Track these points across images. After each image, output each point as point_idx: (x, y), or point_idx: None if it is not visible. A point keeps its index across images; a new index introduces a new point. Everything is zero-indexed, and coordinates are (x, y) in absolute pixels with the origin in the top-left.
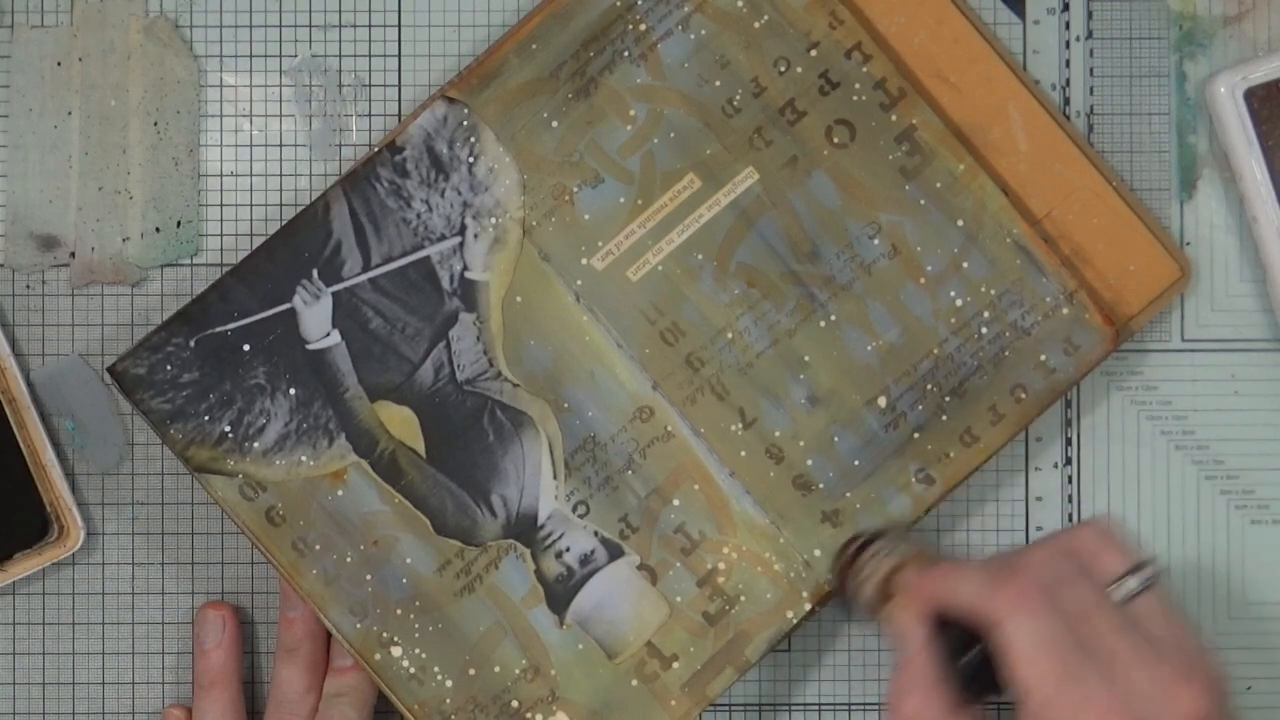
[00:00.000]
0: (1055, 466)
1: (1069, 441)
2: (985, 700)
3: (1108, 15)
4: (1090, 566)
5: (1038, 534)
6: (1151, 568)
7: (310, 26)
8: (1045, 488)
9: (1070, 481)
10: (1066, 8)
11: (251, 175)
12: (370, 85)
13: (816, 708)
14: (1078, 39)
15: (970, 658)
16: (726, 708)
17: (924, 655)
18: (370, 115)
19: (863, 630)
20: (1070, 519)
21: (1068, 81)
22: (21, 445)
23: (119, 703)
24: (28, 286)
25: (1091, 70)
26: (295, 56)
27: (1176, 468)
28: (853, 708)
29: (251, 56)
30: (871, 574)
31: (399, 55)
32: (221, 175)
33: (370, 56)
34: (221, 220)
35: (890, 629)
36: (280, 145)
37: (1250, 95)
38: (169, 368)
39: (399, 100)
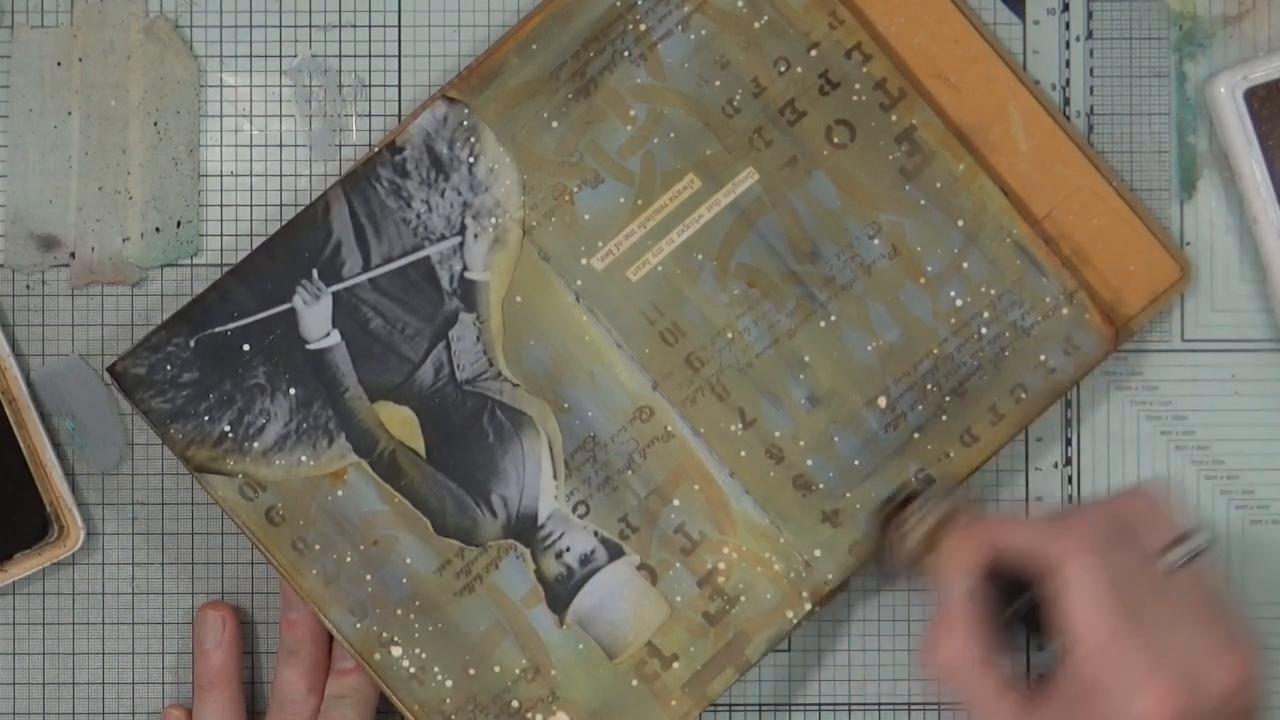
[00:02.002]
0: (1055, 466)
1: (1069, 441)
2: (1018, 649)
3: (1108, 15)
4: (1139, 533)
5: None
6: (1198, 538)
7: (310, 26)
8: (1045, 488)
9: (1070, 481)
10: (1066, 8)
11: (251, 175)
12: (370, 85)
13: (816, 708)
14: (1078, 39)
15: (1020, 603)
16: (727, 708)
17: (965, 602)
18: (370, 115)
19: (863, 630)
20: None
21: (1068, 81)
22: (21, 445)
23: (119, 703)
24: (28, 286)
25: (1091, 70)
26: (295, 56)
27: (1176, 468)
28: (853, 708)
29: (251, 56)
30: (918, 524)
31: (399, 55)
32: (221, 175)
33: (370, 56)
34: (221, 220)
35: (933, 576)
36: (280, 145)
37: (1250, 95)
38: (169, 368)
39: (399, 100)
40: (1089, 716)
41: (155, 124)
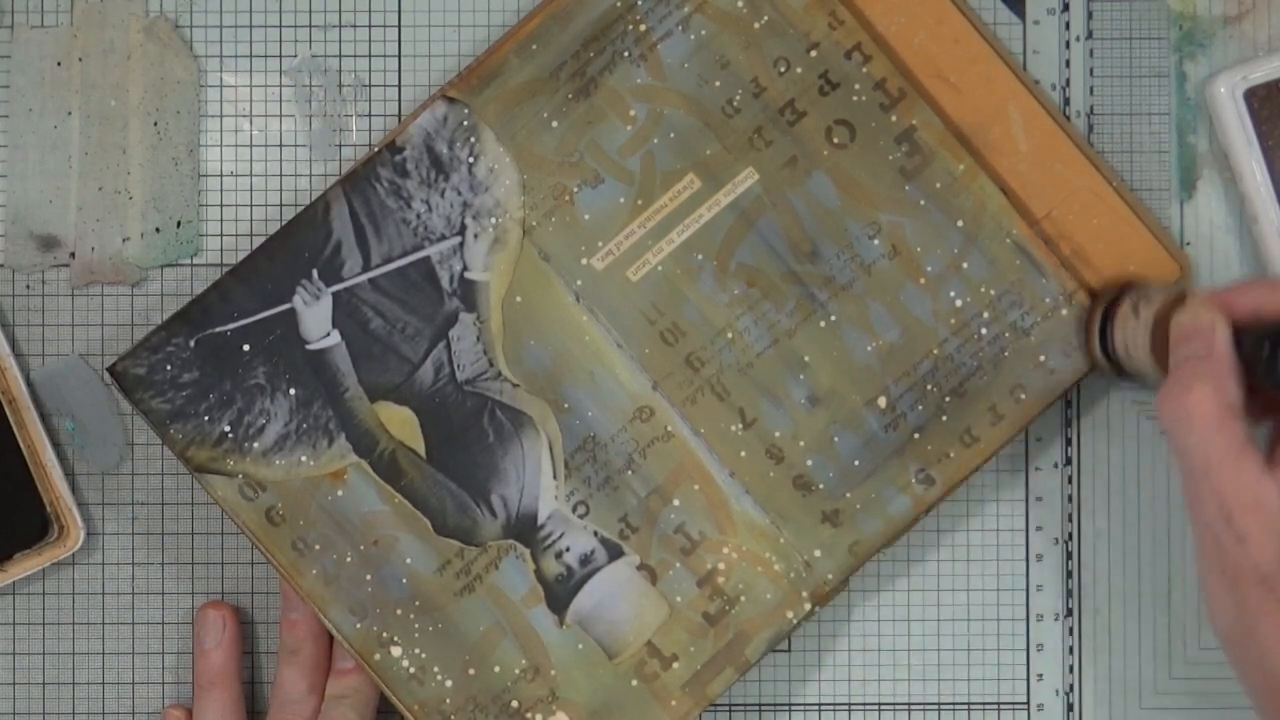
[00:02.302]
0: (1055, 466)
1: (1069, 441)
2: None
3: (1108, 15)
4: None
5: (1037, 534)
6: None
7: (310, 26)
8: (1045, 488)
9: (1070, 481)
10: (1066, 8)
11: (251, 175)
12: (370, 85)
13: (816, 708)
14: (1078, 39)
15: None
16: (727, 708)
17: (1223, 350)
18: (370, 115)
19: (863, 630)
20: (1070, 519)
21: (1068, 81)
22: (21, 445)
23: (119, 703)
24: (28, 286)
25: (1091, 70)
26: (295, 56)
27: (1176, 467)
28: (853, 708)
29: (251, 56)
30: (1153, 301)
31: (399, 55)
32: (221, 175)
33: (370, 56)
34: (221, 220)
35: (1185, 327)
36: (280, 145)
37: (1250, 95)
38: (169, 368)
39: (399, 100)
40: None
41: (155, 124)
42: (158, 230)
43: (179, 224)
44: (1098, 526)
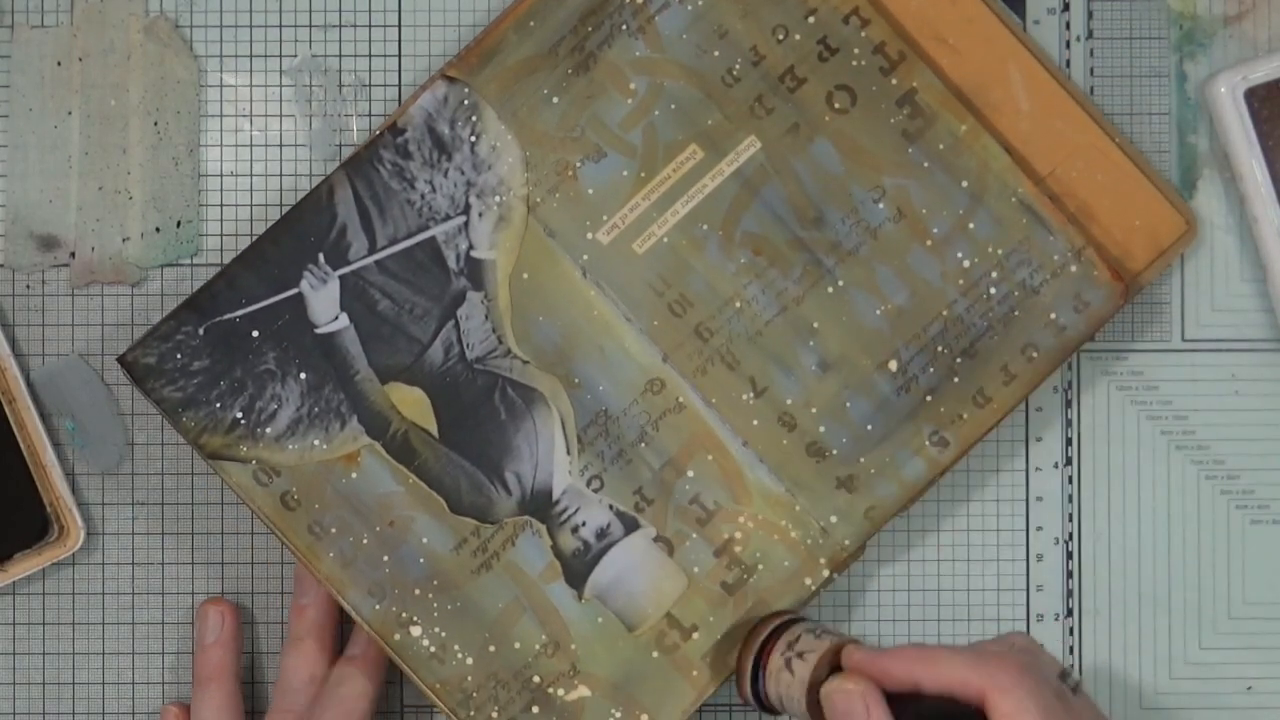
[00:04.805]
0: (1055, 466)
1: (1069, 441)
2: None
3: (1108, 15)
4: (1040, 664)
5: (1037, 534)
6: (1074, 671)
7: (310, 26)
8: (1045, 488)
9: (1070, 481)
10: (1066, 8)
11: (251, 175)
12: (370, 85)
13: None
14: (1078, 39)
15: None
16: (727, 707)
17: None
18: (370, 115)
19: (863, 631)
20: (1070, 519)
21: None
22: (21, 445)
23: (119, 703)
24: (28, 286)
25: (1091, 70)
26: (295, 56)
27: (1176, 468)
28: None
29: (251, 56)
30: (807, 659)
31: (399, 55)
32: (221, 175)
33: (370, 56)
34: (221, 220)
35: (837, 706)
36: (280, 145)
37: (1250, 95)
38: (179, 356)
39: (399, 100)
40: None
41: (155, 124)
42: (158, 230)
43: (179, 224)
44: (1098, 526)
